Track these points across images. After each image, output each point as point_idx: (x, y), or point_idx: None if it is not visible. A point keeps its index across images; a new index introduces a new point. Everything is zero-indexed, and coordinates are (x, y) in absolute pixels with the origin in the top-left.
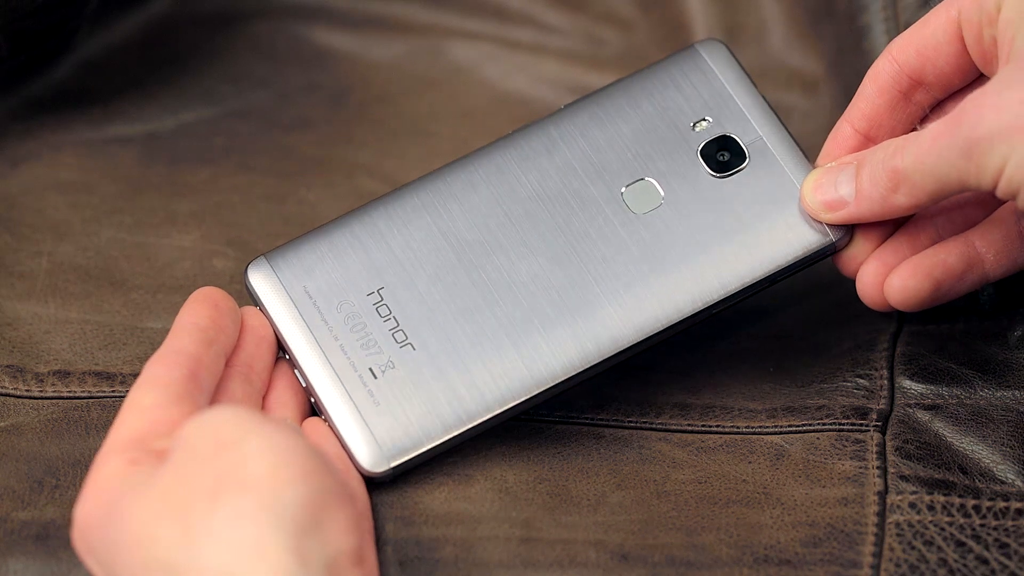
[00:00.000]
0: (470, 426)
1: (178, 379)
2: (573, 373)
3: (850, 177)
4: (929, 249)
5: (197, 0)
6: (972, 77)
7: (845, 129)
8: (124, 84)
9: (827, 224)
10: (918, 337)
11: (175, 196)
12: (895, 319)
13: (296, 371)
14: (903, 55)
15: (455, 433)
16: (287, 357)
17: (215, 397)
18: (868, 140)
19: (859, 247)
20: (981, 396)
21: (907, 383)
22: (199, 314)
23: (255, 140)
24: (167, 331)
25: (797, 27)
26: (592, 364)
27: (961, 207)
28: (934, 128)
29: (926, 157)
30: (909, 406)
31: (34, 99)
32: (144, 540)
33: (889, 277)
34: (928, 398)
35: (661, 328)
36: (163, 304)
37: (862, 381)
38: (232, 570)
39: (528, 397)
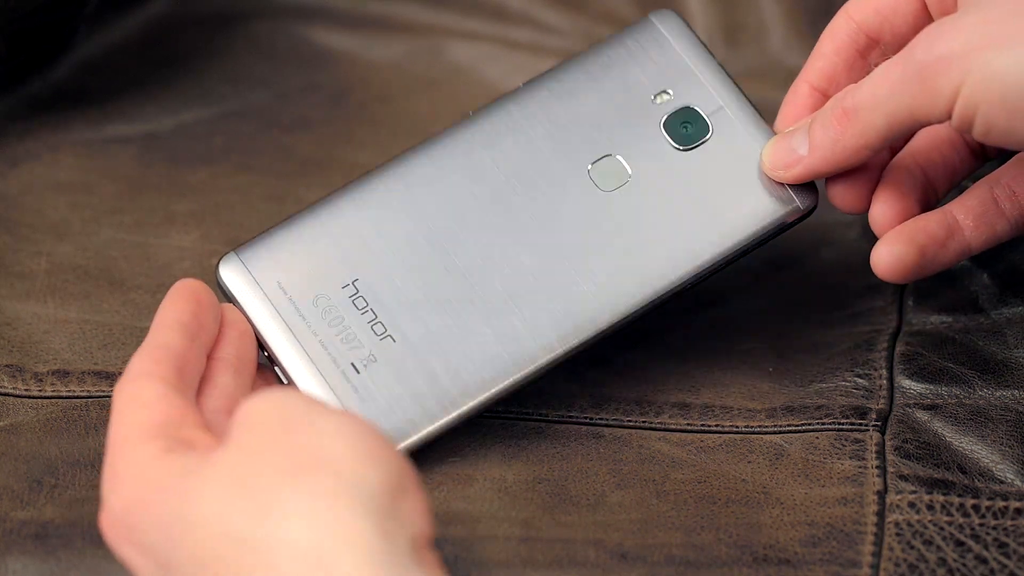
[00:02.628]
0: (453, 416)
1: (169, 374)
2: (554, 356)
3: (805, 134)
4: (909, 219)
5: (196, 0)
6: None
7: (803, 88)
8: (123, 84)
9: (791, 187)
10: (917, 337)
11: (174, 196)
12: (895, 318)
13: (277, 368)
14: (860, 13)
15: (438, 423)
16: (266, 355)
17: (203, 389)
18: (825, 99)
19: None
20: (980, 396)
21: (906, 383)
22: (181, 309)
23: (255, 140)
24: None
25: (797, 27)
26: (572, 347)
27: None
28: (886, 63)
29: (876, 89)
30: (908, 406)
31: (33, 99)
32: (214, 518)
33: (875, 248)
34: (927, 398)
35: (638, 307)
36: None
37: (861, 381)
38: (318, 550)
39: (510, 383)
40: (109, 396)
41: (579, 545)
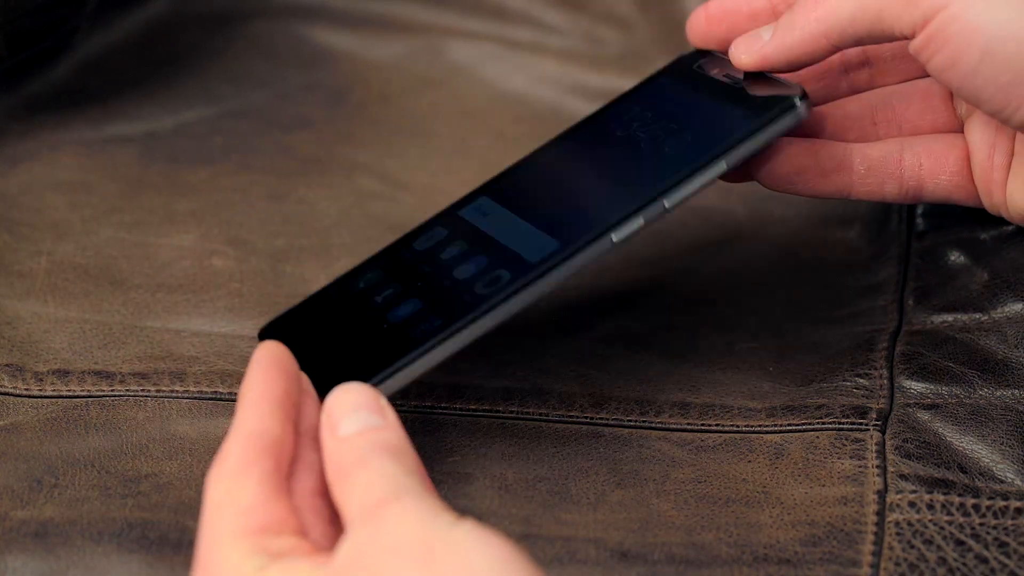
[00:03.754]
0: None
1: (269, 469)
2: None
3: (773, 25)
4: (809, 140)
5: (197, 0)
6: None
7: None
8: (123, 84)
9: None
10: (918, 336)
11: (174, 195)
12: (895, 318)
13: None
14: None
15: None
16: None
17: (294, 469)
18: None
19: None
20: (981, 395)
21: (907, 382)
22: (275, 386)
23: (255, 140)
24: (166, 330)
25: None
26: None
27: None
28: None
29: None
30: (909, 405)
31: (33, 98)
32: None
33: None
34: (928, 397)
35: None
36: (163, 303)
37: (861, 380)
38: None
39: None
40: (109, 396)
41: (579, 543)
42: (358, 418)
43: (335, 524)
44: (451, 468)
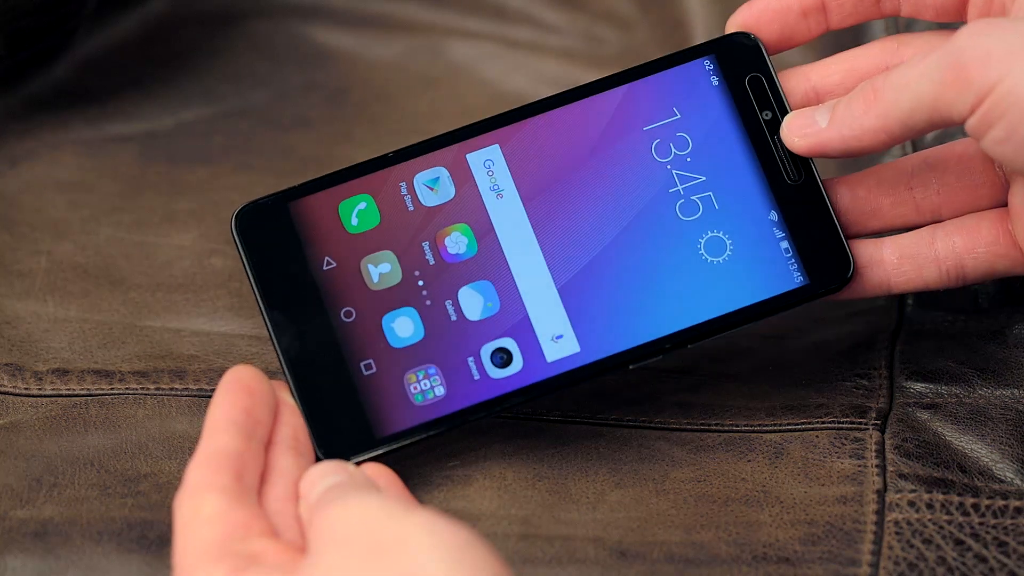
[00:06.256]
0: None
1: (228, 482)
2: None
3: (829, 108)
4: None
5: (196, 0)
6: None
7: None
8: (123, 83)
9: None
10: (918, 336)
11: (174, 195)
12: (895, 317)
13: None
14: None
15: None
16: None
17: (266, 478)
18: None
19: None
20: (980, 395)
21: (906, 382)
22: (233, 407)
23: (254, 139)
24: (166, 329)
25: None
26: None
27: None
28: (924, 52)
29: (907, 71)
30: (908, 405)
31: (33, 98)
32: None
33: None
34: (927, 397)
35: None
36: (162, 303)
37: (861, 380)
38: None
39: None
40: (109, 394)
41: (579, 543)
42: (324, 482)
43: None
44: (451, 469)
